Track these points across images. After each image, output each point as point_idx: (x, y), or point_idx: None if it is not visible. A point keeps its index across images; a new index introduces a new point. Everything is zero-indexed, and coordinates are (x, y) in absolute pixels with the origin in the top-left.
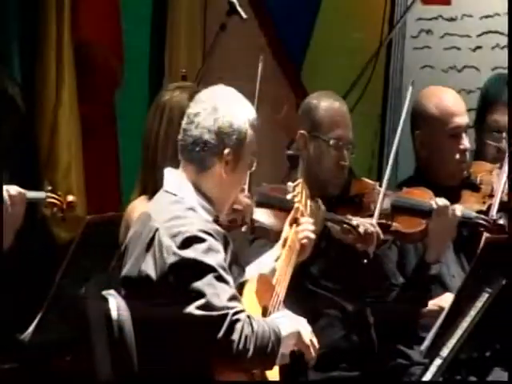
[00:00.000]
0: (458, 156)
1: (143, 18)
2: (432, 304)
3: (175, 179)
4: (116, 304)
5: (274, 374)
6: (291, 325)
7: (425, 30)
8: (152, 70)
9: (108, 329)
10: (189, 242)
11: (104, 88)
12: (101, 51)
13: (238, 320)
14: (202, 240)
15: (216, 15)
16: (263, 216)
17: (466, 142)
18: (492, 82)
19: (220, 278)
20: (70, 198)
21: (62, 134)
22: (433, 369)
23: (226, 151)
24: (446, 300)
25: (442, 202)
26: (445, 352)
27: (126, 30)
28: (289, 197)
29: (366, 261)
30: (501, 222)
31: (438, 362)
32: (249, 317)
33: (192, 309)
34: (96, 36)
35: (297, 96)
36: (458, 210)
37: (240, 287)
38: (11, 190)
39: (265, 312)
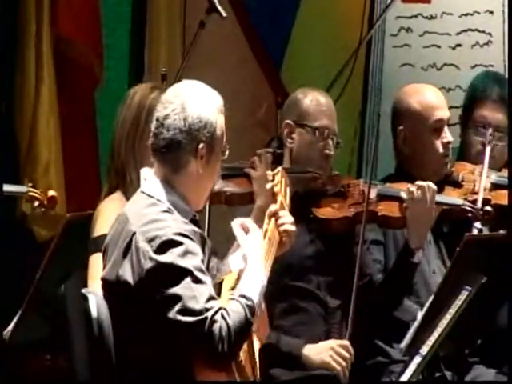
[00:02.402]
0: (441, 150)
1: (123, 16)
2: None
3: (151, 180)
4: (96, 302)
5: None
6: (259, 280)
7: (404, 28)
8: (132, 68)
9: (87, 327)
10: (165, 246)
11: (83, 86)
12: (80, 49)
13: (215, 321)
14: (178, 243)
15: (196, 13)
16: (231, 185)
17: (449, 136)
18: (480, 78)
19: (197, 281)
20: (51, 192)
21: (41, 132)
22: (412, 367)
23: (200, 146)
24: None
25: (415, 185)
26: (424, 350)
27: (106, 28)
28: (268, 186)
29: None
30: (488, 208)
31: (417, 359)
32: (222, 315)
33: (171, 314)
34: (76, 34)
35: (276, 95)
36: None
37: (219, 284)
38: None
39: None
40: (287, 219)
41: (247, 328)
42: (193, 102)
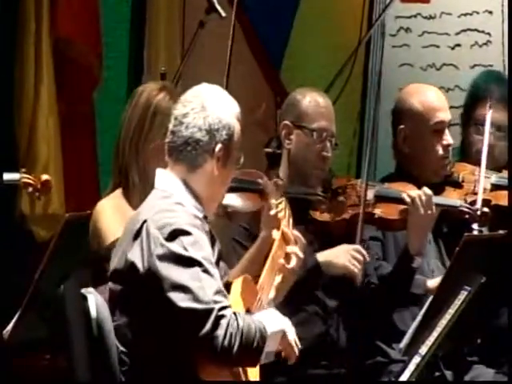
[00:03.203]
0: (441, 151)
1: (122, 15)
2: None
3: (165, 178)
4: (95, 302)
5: (254, 373)
6: (277, 323)
7: (404, 28)
8: (131, 67)
9: (87, 327)
10: (176, 234)
11: (83, 86)
12: (80, 49)
13: (223, 316)
14: (188, 233)
15: (195, 13)
16: (236, 200)
17: (449, 138)
18: (482, 78)
19: (206, 271)
20: (45, 176)
21: (40, 131)
22: (412, 366)
23: (218, 147)
24: None
25: (415, 192)
26: (423, 350)
27: (105, 28)
28: (272, 213)
29: None
30: (485, 209)
31: (416, 359)
32: (235, 313)
33: (178, 302)
34: (75, 34)
35: (275, 94)
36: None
37: (225, 288)
38: None
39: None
40: (297, 260)
41: (254, 345)
42: (213, 103)
